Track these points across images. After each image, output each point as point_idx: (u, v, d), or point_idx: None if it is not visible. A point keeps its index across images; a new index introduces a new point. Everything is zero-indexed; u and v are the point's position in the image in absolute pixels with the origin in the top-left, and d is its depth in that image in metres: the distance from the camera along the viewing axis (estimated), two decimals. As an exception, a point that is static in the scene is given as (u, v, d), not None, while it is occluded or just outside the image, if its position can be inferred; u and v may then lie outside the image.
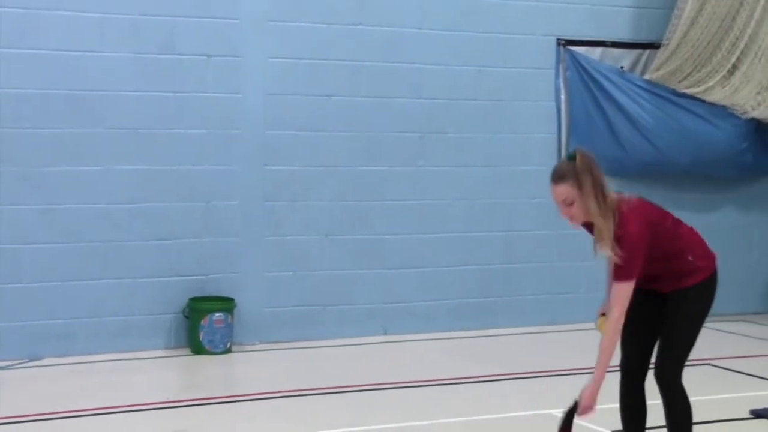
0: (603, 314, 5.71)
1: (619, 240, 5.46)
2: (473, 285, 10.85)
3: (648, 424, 5.96)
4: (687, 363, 5.77)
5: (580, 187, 5.47)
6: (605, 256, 5.49)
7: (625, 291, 5.47)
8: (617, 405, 5.83)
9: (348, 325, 10.36)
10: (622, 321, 5.52)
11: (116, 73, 9.47)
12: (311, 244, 10.23)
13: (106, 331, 9.53)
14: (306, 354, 9.81)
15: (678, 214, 10.17)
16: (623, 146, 11.09)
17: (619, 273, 5.47)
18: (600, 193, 5.49)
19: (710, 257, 5.82)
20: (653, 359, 5.84)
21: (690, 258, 5.69)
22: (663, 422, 5.84)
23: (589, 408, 5.67)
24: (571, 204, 5.52)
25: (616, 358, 5.76)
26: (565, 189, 5.50)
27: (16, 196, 9.20)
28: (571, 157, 5.57)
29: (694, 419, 5.82)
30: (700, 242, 5.85)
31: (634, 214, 5.53)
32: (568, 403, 5.75)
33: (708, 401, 7.98)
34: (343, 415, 7.72)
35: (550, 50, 11.07)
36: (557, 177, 5.56)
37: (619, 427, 6.06)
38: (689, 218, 5.98)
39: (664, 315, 5.72)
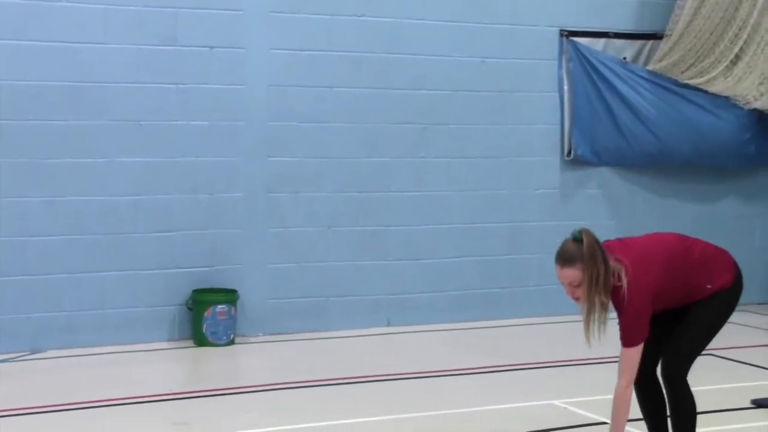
0: None
1: (622, 307, 5.47)
2: (476, 276, 10.85)
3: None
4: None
5: (586, 271, 5.46)
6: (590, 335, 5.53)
7: (632, 357, 5.49)
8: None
9: (351, 316, 10.36)
10: (630, 389, 5.55)
11: (119, 65, 9.47)
12: (314, 236, 10.23)
13: (109, 323, 9.54)
14: (309, 345, 9.82)
15: (680, 204, 10.19)
16: (626, 137, 11.09)
17: (625, 339, 5.48)
18: (605, 277, 5.46)
19: (729, 271, 5.81)
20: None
21: (708, 286, 5.69)
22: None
23: None
24: (578, 286, 5.52)
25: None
26: (573, 273, 5.51)
27: (19, 188, 9.21)
28: (577, 239, 5.53)
29: (697, 409, 5.84)
30: (716, 258, 5.81)
31: (636, 283, 5.47)
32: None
33: (709, 391, 7.99)
34: (346, 407, 7.73)
35: (553, 41, 11.06)
36: (564, 260, 5.57)
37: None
38: (691, 209, 5.99)
39: (680, 316, 5.73)
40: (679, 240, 5.82)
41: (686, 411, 5.77)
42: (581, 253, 5.47)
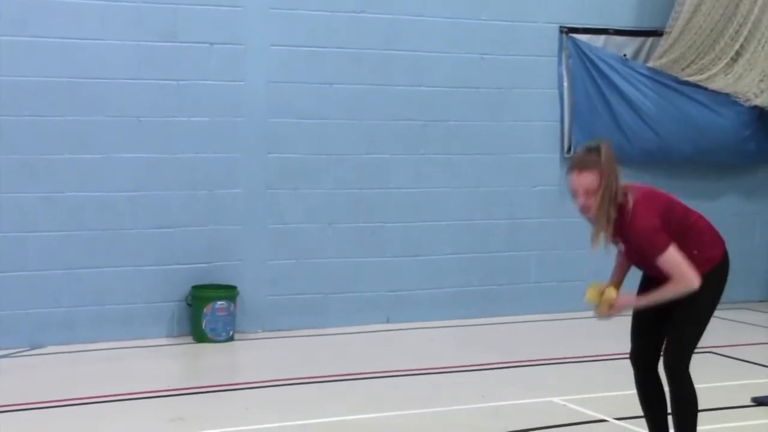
0: (593, 285, 5.72)
1: (632, 229, 5.49)
2: (476, 273, 10.85)
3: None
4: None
5: (603, 177, 5.46)
6: (605, 245, 5.52)
7: (674, 258, 5.48)
8: (618, 393, 5.81)
9: (351, 313, 10.36)
10: (692, 273, 5.50)
11: (119, 61, 9.46)
12: (314, 232, 10.23)
13: (108, 319, 9.54)
14: (308, 342, 9.82)
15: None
16: (626, 134, 11.07)
17: (654, 252, 5.48)
18: (617, 188, 5.50)
19: (717, 246, 5.80)
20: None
21: (695, 252, 5.63)
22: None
23: (609, 310, 5.66)
24: (592, 194, 5.48)
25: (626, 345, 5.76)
26: (590, 178, 5.48)
27: (18, 184, 9.21)
28: (594, 148, 5.53)
29: (698, 401, 5.83)
30: (708, 231, 5.81)
31: (644, 206, 5.52)
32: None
33: (710, 389, 7.97)
34: (345, 403, 7.73)
35: (553, 38, 11.05)
36: (582, 165, 5.55)
37: (622, 414, 6.07)
38: (692, 205, 5.96)
39: (672, 306, 5.69)
40: (680, 201, 5.84)
41: (688, 401, 5.76)
42: (599, 160, 5.48)
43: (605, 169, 5.47)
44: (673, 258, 5.48)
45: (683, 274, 5.48)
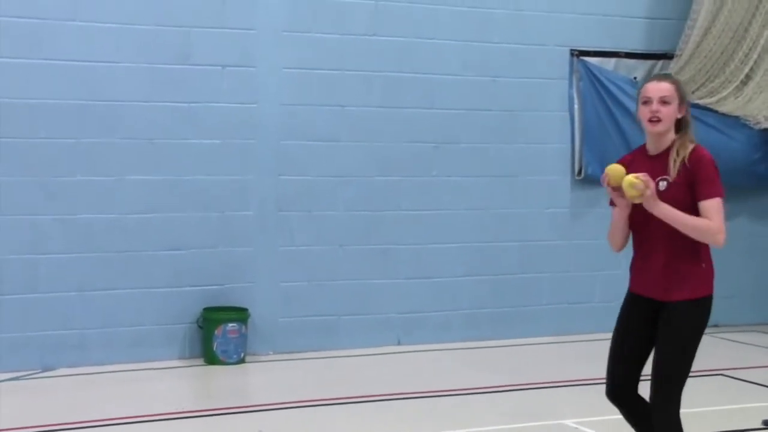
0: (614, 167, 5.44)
1: (700, 161, 5.53)
2: (487, 295, 10.85)
3: None
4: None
5: (678, 91, 5.47)
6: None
7: (720, 206, 5.44)
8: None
9: (362, 334, 10.36)
10: (724, 234, 5.41)
11: (132, 83, 9.51)
12: (325, 254, 10.24)
13: (120, 340, 9.56)
14: (320, 364, 9.82)
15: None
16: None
17: (710, 189, 5.47)
18: (688, 112, 5.49)
19: (711, 277, 5.53)
20: (645, 387, 5.57)
21: (703, 265, 5.47)
22: None
23: (634, 190, 5.30)
24: (668, 104, 5.43)
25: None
26: (669, 88, 5.45)
27: (31, 205, 9.24)
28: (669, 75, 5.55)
29: (708, 429, 5.79)
30: (710, 263, 5.56)
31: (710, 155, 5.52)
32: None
33: (721, 411, 7.98)
34: (357, 426, 7.73)
35: (564, 61, 11.09)
36: (663, 76, 5.59)
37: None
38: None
39: (656, 332, 5.44)
40: None
41: None
42: (678, 81, 5.53)
43: (681, 86, 5.50)
44: (720, 206, 5.41)
45: (719, 226, 5.37)
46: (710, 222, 5.36)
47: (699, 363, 5.54)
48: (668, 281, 5.42)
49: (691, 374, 5.42)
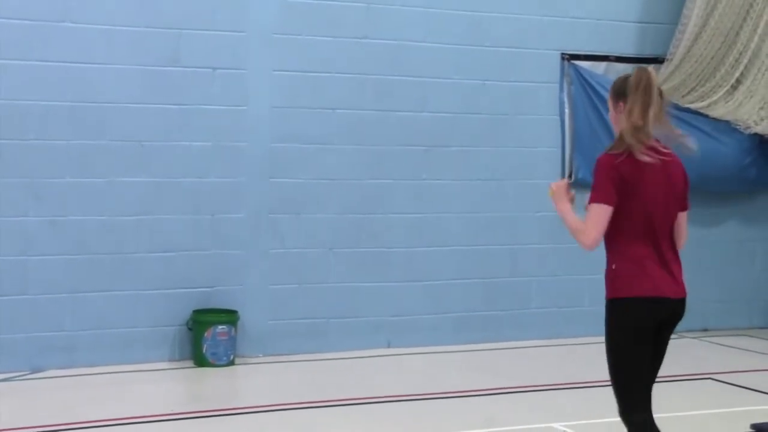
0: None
1: (679, 168, 5.61)
2: (477, 298, 10.85)
3: None
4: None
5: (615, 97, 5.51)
6: None
7: (593, 211, 5.28)
8: (619, 419, 5.65)
9: (352, 337, 10.36)
10: (591, 236, 5.26)
11: (122, 85, 9.50)
12: (316, 257, 10.24)
13: (109, 342, 9.54)
14: (310, 367, 9.81)
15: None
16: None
17: (590, 197, 5.36)
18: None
19: (635, 284, 5.25)
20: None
21: (613, 266, 5.34)
22: None
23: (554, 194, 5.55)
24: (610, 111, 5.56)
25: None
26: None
27: (21, 207, 9.23)
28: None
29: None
30: (636, 263, 5.29)
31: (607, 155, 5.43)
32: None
33: (709, 415, 7.99)
34: (346, 428, 7.72)
35: (555, 64, 11.10)
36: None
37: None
38: (693, 232, 5.91)
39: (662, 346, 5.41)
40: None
41: None
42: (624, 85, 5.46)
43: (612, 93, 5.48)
44: (594, 211, 5.31)
45: (585, 229, 5.31)
46: (583, 225, 5.33)
47: (688, 367, 5.53)
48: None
49: (680, 378, 5.41)
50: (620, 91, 5.44)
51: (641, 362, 5.28)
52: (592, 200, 5.32)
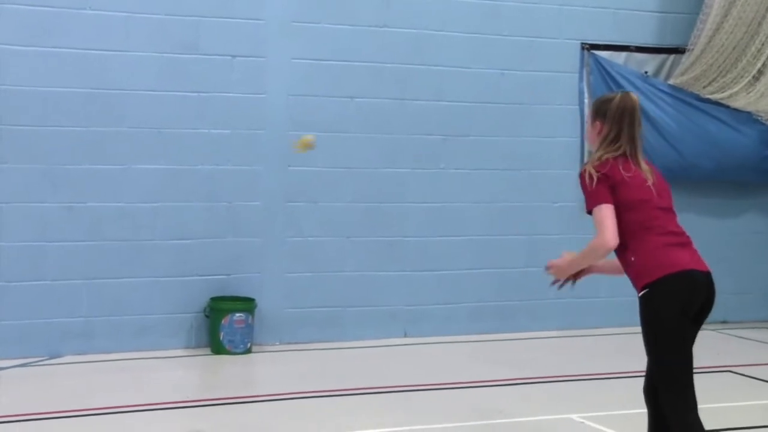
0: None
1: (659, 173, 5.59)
2: (494, 288, 10.83)
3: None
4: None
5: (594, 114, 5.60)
6: None
7: (597, 215, 5.36)
8: (636, 411, 5.63)
9: (368, 326, 10.36)
10: (603, 245, 5.37)
11: (140, 73, 9.50)
12: (332, 246, 10.23)
13: (127, 329, 9.56)
14: (326, 355, 9.81)
15: (701, 219, 10.10)
16: (646, 151, 10.82)
17: (587, 204, 5.44)
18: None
19: (664, 263, 5.25)
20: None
21: (633, 258, 5.36)
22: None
23: (554, 268, 5.72)
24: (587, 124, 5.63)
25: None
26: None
27: (38, 193, 9.24)
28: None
29: (715, 426, 5.73)
30: (654, 249, 5.33)
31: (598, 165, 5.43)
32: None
33: (729, 408, 7.96)
34: (362, 417, 7.72)
35: (574, 54, 11.05)
36: None
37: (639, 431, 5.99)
38: (713, 223, 5.91)
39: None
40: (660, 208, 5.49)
41: None
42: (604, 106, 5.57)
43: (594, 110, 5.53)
44: (598, 214, 5.42)
45: (599, 234, 5.46)
46: (590, 244, 5.47)
47: (707, 359, 5.48)
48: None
49: (698, 370, 5.37)
50: (600, 111, 5.52)
51: (689, 348, 5.19)
52: (591, 205, 5.39)
